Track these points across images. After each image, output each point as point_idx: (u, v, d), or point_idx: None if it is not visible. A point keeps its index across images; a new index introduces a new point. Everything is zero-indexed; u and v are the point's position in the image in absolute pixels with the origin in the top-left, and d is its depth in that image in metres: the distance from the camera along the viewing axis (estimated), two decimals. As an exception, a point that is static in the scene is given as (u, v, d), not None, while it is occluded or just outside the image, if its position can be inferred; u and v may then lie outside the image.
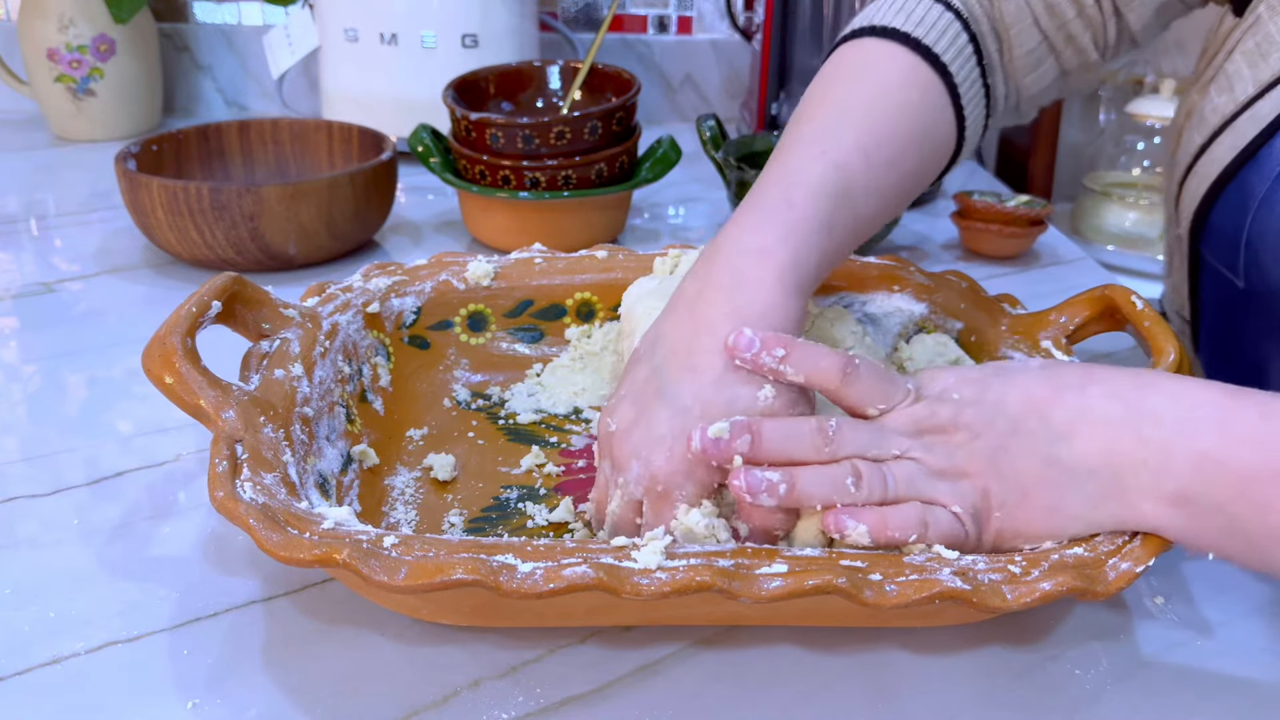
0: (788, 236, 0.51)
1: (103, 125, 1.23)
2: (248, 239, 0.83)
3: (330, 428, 0.55)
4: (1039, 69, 0.66)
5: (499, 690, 0.45)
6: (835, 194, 0.54)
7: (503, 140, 0.88)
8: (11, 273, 0.87)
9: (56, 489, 0.58)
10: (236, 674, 0.46)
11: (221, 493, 0.44)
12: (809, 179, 0.54)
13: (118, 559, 0.53)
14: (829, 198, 0.54)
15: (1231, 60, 0.59)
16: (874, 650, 0.48)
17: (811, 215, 0.53)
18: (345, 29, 1.12)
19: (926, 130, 0.61)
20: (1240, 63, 0.59)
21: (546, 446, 0.62)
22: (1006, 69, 0.66)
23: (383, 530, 0.44)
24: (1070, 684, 0.46)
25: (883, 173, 0.57)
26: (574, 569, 0.41)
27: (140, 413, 0.66)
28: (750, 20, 1.34)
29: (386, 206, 0.91)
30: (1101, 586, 0.43)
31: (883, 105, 0.59)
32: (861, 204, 0.56)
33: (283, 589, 0.51)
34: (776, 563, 0.43)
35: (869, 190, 0.56)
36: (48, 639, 0.47)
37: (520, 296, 0.70)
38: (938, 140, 0.62)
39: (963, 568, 0.44)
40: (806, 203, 0.53)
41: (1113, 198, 1.54)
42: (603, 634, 0.48)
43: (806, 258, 0.52)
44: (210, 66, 1.35)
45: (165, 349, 0.49)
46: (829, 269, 0.55)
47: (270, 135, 0.99)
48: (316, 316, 0.59)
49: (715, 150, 0.97)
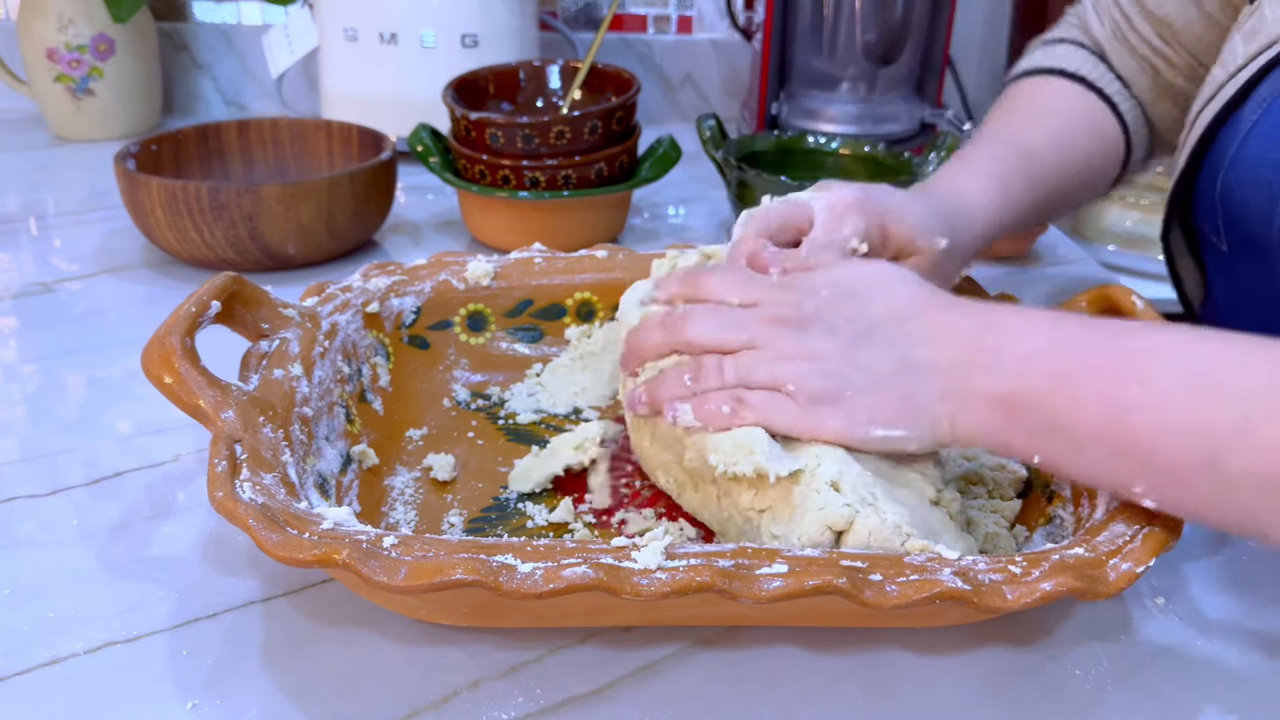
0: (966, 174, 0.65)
1: (102, 125, 1.23)
2: (247, 239, 0.82)
3: (330, 428, 0.55)
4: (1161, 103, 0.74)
5: (499, 690, 0.45)
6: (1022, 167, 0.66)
7: (503, 140, 0.88)
8: (11, 273, 0.87)
9: (56, 489, 0.58)
10: (236, 674, 0.46)
11: (221, 493, 0.44)
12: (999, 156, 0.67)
13: (117, 559, 0.53)
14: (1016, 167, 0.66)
15: (1230, 40, 0.63)
16: (874, 650, 0.48)
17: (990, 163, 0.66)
18: (345, 28, 1.11)
19: (1096, 136, 0.72)
20: (1237, 40, 0.62)
21: (546, 447, 0.62)
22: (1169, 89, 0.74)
23: (382, 530, 0.44)
24: (1070, 684, 0.46)
25: (1059, 163, 0.69)
26: (574, 569, 0.41)
27: (140, 413, 0.66)
28: (750, 20, 1.34)
29: (386, 206, 0.91)
30: (1101, 586, 0.43)
31: (1053, 118, 0.71)
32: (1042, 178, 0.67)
33: (282, 589, 0.51)
34: (776, 563, 0.43)
35: (1050, 170, 0.68)
36: (48, 639, 0.47)
37: (520, 296, 0.70)
38: (1106, 146, 0.73)
39: (963, 568, 0.44)
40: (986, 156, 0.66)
41: (1113, 198, 1.54)
42: (603, 634, 0.48)
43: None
44: (210, 66, 1.35)
45: (165, 349, 0.49)
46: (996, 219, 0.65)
47: (270, 135, 0.99)
48: (316, 316, 0.59)
49: (715, 150, 0.96)
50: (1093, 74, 0.73)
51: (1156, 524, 0.46)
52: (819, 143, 1.01)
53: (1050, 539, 0.51)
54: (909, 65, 1.19)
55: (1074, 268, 0.95)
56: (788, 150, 1.01)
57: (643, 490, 0.58)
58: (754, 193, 0.91)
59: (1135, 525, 0.46)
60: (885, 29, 1.15)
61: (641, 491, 0.58)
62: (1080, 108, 0.72)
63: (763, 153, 1.00)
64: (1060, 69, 0.74)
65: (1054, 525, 0.52)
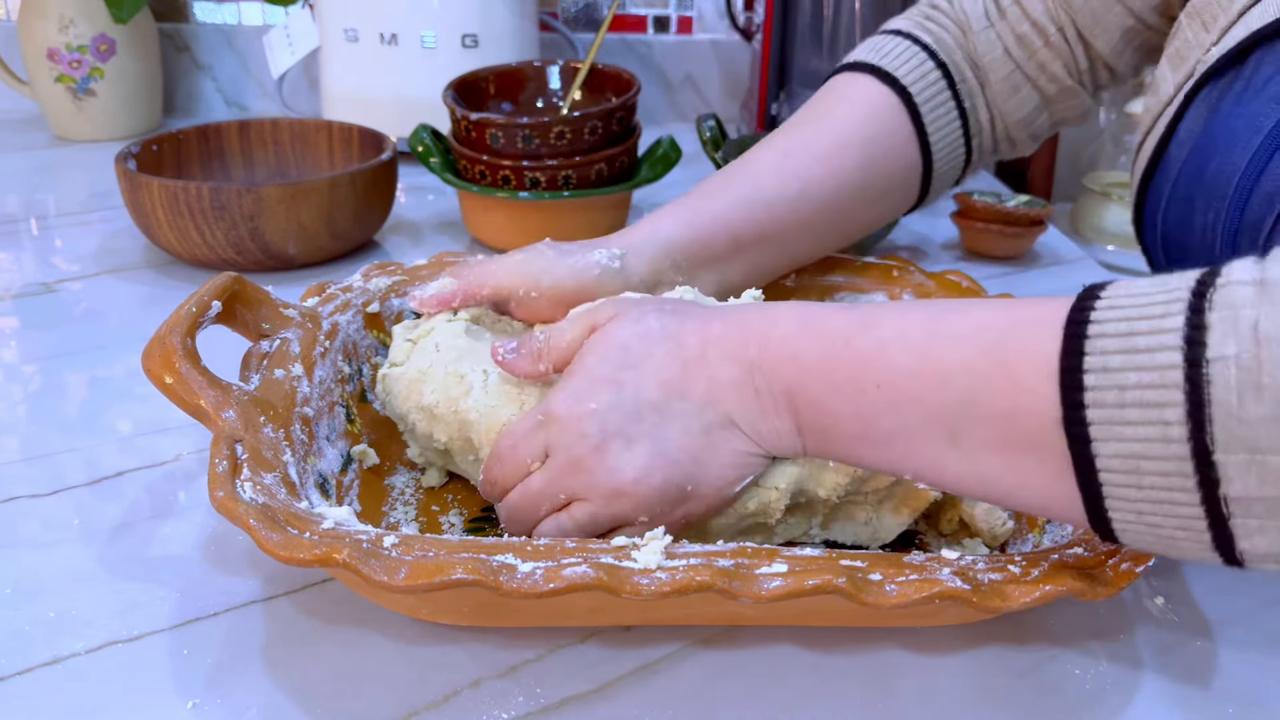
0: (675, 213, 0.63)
1: (103, 125, 1.23)
2: (248, 239, 0.83)
3: (330, 428, 0.55)
4: (1017, 95, 0.70)
5: (499, 690, 0.45)
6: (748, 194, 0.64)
7: (503, 140, 0.88)
8: (11, 273, 0.87)
9: (57, 489, 0.58)
10: (236, 674, 0.46)
11: (221, 493, 0.44)
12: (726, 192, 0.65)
13: (118, 559, 0.53)
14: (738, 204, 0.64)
15: (1160, 65, 0.61)
16: (874, 650, 0.48)
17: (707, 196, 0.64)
18: (345, 29, 1.12)
19: (880, 140, 0.68)
20: (1165, 67, 0.60)
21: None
22: (987, 97, 0.71)
23: (383, 530, 0.44)
24: (1070, 684, 0.46)
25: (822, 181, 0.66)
26: (574, 569, 0.41)
27: (140, 413, 0.66)
28: (750, 20, 1.34)
29: (386, 206, 0.91)
30: (1102, 586, 0.43)
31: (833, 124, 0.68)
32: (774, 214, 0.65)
33: (283, 589, 0.51)
34: (776, 563, 0.43)
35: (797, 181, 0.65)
36: (48, 639, 0.47)
37: (520, 296, 0.69)
38: (894, 152, 0.68)
39: (963, 568, 0.44)
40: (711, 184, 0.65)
41: (1113, 198, 1.54)
42: (603, 634, 0.48)
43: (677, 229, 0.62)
44: (210, 66, 1.35)
45: (165, 349, 0.49)
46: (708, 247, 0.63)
47: (270, 135, 0.99)
48: (316, 316, 0.59)
49: (715, 150, 0.96)
50: (902, 68, 0.68)
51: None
52: (819, 143, 1.01)
53: (1050, 539, 0.51)
54: (909, 65, 1.19)
55: (1073, 268, 0.95)
56: (788, 150, 1.01)
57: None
58: (754, 193, 0.91)
59: (1135, 525, 0.46)
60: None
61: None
62: (876, 129, 0.67)
63: (763, 153, 1.00)
64: (867, 64, 0.69)
65: (1053, 525, 0.52)
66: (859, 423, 0.44)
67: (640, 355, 0.48)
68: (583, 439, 0.48)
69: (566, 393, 0.49)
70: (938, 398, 0.42)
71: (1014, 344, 0.40)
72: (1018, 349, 0.40)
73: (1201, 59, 0.57)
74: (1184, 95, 0.57)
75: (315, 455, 0.52)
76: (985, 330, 0.42)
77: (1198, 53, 0.57)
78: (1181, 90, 0.58)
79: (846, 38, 1.17)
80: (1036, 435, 0.39)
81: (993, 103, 0.71)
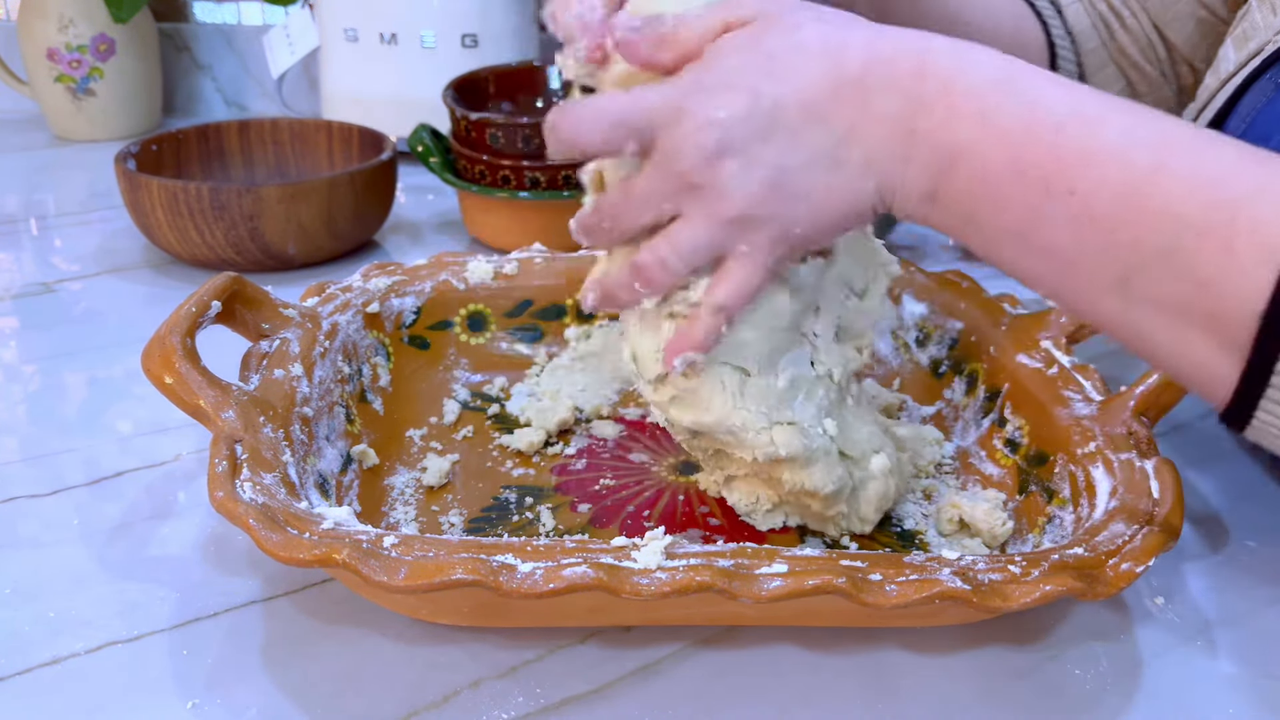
0: None
1: (103, 125, 1.23)
2: (248, 239, 0.83)
3: (330, 428, 0.55)
4: (1103, 72, 0.71)
5: (499, 690, 0.45)
6: None
7: (503, 140, 0.88)
8: (11, 273, 0.87)
9: (56, 489, 0.58)
10: (236, 674, 0.46)
11: (221, 493, 0.44)
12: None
13: (118, 559, 0.53)
14: None
15: (1224, 44, 0.61)
16: (874, 650, 0.48)
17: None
18: (345, 29, 1.11)
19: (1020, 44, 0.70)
20: (1229, 45, 0.60)
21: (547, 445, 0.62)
22: (1082, 67, 0.72)
23: (383, 530, 0.44)
24: (1070, 684, 0.46)
25: None
26: (574, 569, 0.41)
27: (140, 413, 0.66)
28: (750, 20, 1.34)
29: (386, 206, 0.91)
30: (1101, 586, 0.43)
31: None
32: None
33: (283, 589, 0.51)
34: (776, 563, 0.43)
35: None
36: (48, 639, 0.47)
37: (520, 296, 0.70)
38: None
39: (963, 568, 0.44)
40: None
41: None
42: (603, 634, 0.48)
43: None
44: (210, 66, 1.35)
45: (165, 349, 0.49)
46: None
47: (270, 135, 0.99)
48: (316, 316, 0.59)
49: (715, 150, 0.96)
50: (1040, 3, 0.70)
51: (1156, 524, 0.46)
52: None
53: (1050, 539, 0.51)
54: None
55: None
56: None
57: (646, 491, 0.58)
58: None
59: (1135, 525, 0.46)
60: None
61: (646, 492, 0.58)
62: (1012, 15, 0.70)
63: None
64: None
65: (1053, 525, 0.52)
66: (1027, 220, 0.40)
67: (787, 68, 0.43)
68: (698, 149, 0.43)
69: (696, 87, 0.43)
70: (1132, 235, 0.38)
71: (1245, 217, 0.36)
72: (1248, 223, 0.36)
73: (1271, 40, 0.56)
74: (1247, 74, 0.57)
75: (315, 455, 0.52)
76: (1218, 186, 0.37)
77: (1265, 34, 0.57)
78: (1245, 69, 0.57)
79: (846, 38, 1.17)
80: (1224, 315, 0.37)
81: (1087, 74, 0.71)
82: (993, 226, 0.42)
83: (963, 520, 0.55)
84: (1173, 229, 0.37)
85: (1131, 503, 0.47)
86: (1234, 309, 0.37)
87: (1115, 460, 0.50)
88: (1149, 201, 0.38)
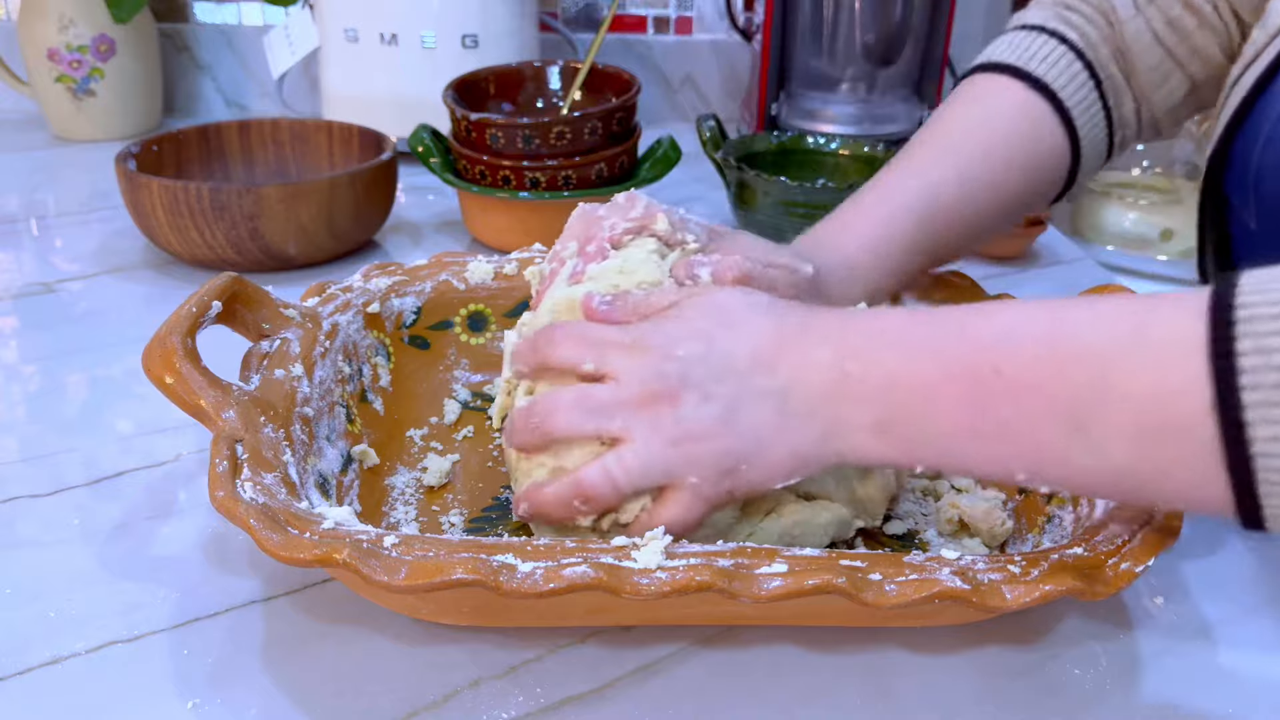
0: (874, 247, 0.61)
1: (103, 125, 1.23)
2: (248, 239, 0.83)
3: (330, 428, 0.55)
4: (1166, 84, 0.69)
5: (499, 690, 0.45)
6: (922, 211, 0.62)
7: (503, 140, 0.88)
8: (11, 273, 0.87)
9: (56, 489, 0.58)
10: (236, 674, 0.46)
11: (221, 493, 0.44)
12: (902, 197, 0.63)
13: (118, 559, 0.53)
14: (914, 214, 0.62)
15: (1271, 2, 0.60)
16: (874, 650, 0.48)
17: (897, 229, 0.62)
18: (345, 29, 1.11)
19: (1032, 154, 0.66)
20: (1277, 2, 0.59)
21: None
22: (1134, 87, 0.69)
23: (383, 530, 0.44)
24: (1070, 684, 0.46)
25: (979, 193, 0.64)
26: (574, 569, 0.41)
27: (140, 413, 0.66)
28: (750, 20, 1.34)
29: (386, 206, 0.91)
30: (1101, 586, 0.43)
31: (987, 133, 0.65)
32: (947, 220, 0.63)
33: (283, 589, 0.51)
34: (776, 562, 0.43)
35: (961, 207, 0.64)
36: (48, 639, 0.47)
37: (520, 296, 0.70)
38: (1045, 164, 0.67)
39: (962, 568, 0.44)
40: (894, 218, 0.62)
41: (1113, 198, 1.54)
42: (603, 634, 0.48)
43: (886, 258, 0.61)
44: (210, 66, 1.35)
45: (165, 349, 0.49)
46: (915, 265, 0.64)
47: (270, 135, 0.99)
48: (316, 316, 0.59)
49: (715, 150, 0.97)
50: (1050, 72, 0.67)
51: (1155, 524, 0.46)
52: (818, 143, 1.01)
53: (1050, 539, 0.51)
54: (908, 66, 1.19)
55: (1073, 268, 0.95)
56: (787, 151, 1.01)
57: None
58: (754, 193, 0.91)
59: (1134, 525, 0.46)
60: (885, 29, 1.15)
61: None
62: (1021, 122, 0.66)
63: (762, 153, 1.00)
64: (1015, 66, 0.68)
65: (1053, 525, 0.52)
66: (970, 412, 0.42)
67: (739, 319, 0.48)
68: (661, 378, 0.47)
69: (659, 331, 0.48)
70: (1065, 382, 0.40)
71: (1155, 327, 0.39)
72: (1160, 332, 0.39)
73: None
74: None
75: (315, 455, 0.52)
76: (1117, 317, 0.40)
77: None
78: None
79: (846, 38, 1.17)
80: (1180, 419, 0.38)
81: (1140, 93, 0.69)
82: (943, 433, 0.44)
83: (962, 520, 0.55)
84: (1095, 361, 0.40)
85: (1131, 503, 0.48)
86: (1187, 410, 0.38)
87: (1115, 460, 0.50)
88: (1064, 347, 0.41)
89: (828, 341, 0.46)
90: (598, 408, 0.47)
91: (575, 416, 0.48)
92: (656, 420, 0.46)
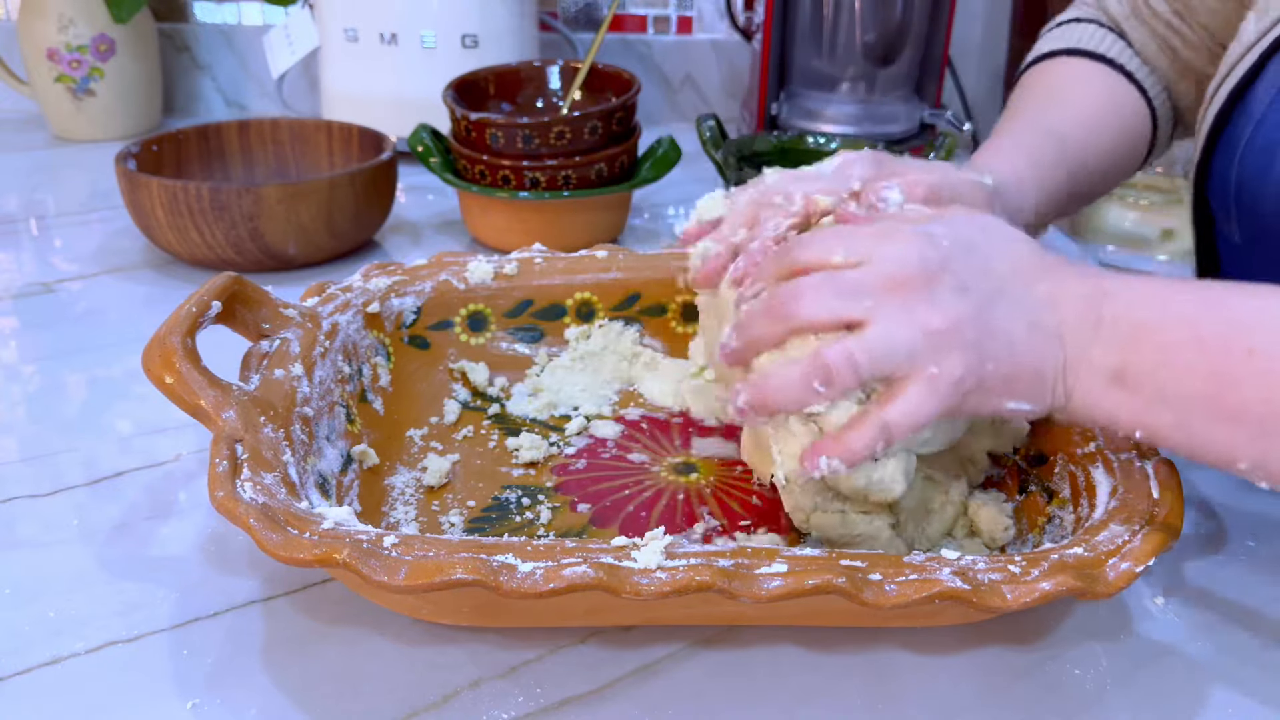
0: None
1: (103, 125, 1.23)
2: (248, 239, 0.83)
3: (330, 428, 0.55)
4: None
5: (499, 690, 0.45)
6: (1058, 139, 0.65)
7: (503, 140, 0.88)
8: (11, 273, 0.87)
9: (56, 489, 0.58)
10: (236, 674, 0.46)
11: (221, 493, 0.44)
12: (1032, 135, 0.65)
13: (118, 559, 0.53)
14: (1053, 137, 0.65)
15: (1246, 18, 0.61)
16: (874, 650, 0.48)
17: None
18: (345, 29, 1.11)
19: (1122, 117, 0.70)
20: (1250, 18, 0.60)
21: (548, 445, 0.62)
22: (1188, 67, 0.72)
23: (383, 530, 0.44)
24: (1070, 684, 0.46)
25: (1089, 138, 0.67)
26: (574, 569, 0.41)
27: (140, 413, 0.66)
28: (750, 20, 1.34)
29: (386, 206, 0.91)
30: (1101, 586, 0.43)
31: (1082, 91, 0.70)
32: (1079, 155, 0.66)
33: (283, 589, 0.51)
34: (776, 563, 0.43)
35: (1082, 148, 0.66)
36: (48, 639, 0.47)
37: (520, 296, 0.70)
38: (1131, 127, 0.71)
39: (963, 568, 0.44)
40: None
41: (1113, 197, 1.54)
42: (603, 634, 0.48)
43: None
44: (210, 66, 1.35)
45: (165, 349, 0.49)
46: None
47: (270, 135, 0.99)
48: (316, 316, 0.59)
49: (715, 150, 0.96)
50: (1113, 51, 0.71)
51: (1156, 524, 0.46)
52: (819, 143, 1.01)
53: (1050, 539, 0.51)
54: (909, 65, 1.19)
55: (1074, 268, 0.95)
56: (787, 151, 1.01)
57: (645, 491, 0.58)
58: (754, 193, 0.91)
59: (1134, 525, 0.46)
60: (885, 29, 1.15)
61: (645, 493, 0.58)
62: (1104, 87, 0.70)
63: (762, 153, 1.00)
64: (1080, 49, 0.71)
65: (1054, 525, 0.52)
66: (1213, 384, 0.42)
67: (1003, 236, 0.47)
68: (922, 262, 0.44)
69: (920, 227, 0.46)
70: None
71: None
72: None
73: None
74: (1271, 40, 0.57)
75: (315, 455, 0.52)
76: None
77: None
78: (1268, 36, 0.58)
79: (847, 37, 1.17)
80: None
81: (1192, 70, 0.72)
82: (1181, 396, 0.43)
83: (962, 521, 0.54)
84: None
85: (1131, 503, 0.47)
86: None
87: (1115, 460, 0.50)
88: None
89: (1086, 280, 0.46)
90: (848, 288, 0.45)
91: (824, 297, 0.45)
92: (908, 303, 0.44)
